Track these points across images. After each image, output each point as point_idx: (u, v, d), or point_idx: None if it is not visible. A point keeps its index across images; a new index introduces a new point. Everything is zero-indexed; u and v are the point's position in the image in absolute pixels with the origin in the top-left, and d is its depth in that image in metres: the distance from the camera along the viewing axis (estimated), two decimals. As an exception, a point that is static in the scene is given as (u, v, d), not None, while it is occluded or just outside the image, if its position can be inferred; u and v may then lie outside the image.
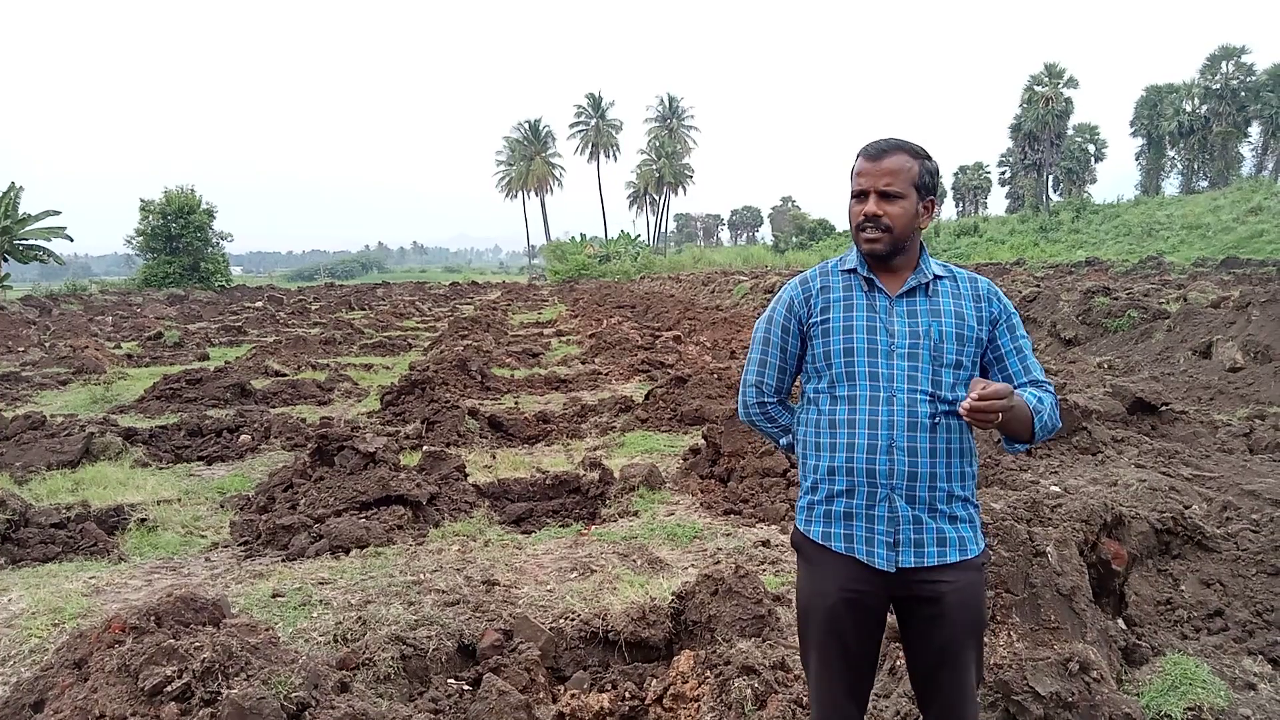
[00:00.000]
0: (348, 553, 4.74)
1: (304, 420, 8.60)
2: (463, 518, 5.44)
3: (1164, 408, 7.40)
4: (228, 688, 2.53)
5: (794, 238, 71.56)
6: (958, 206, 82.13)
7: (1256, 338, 9.48)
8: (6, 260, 42.32)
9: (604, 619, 3.69)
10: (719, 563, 4.14)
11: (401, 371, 11.41)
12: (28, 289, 46.93)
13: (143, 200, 46.50)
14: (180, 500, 6.09)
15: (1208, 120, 55.54)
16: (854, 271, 2.13)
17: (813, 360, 2.15)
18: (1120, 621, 3.39)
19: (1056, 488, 5.08)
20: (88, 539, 5.08)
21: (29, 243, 43.17)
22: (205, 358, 15.27)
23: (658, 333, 16.50)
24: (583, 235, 66.58)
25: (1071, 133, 60.66)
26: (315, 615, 3.79)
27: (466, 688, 3.26)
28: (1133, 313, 12.62)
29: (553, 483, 6.31)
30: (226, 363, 13.05)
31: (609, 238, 67.74)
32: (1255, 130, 55.95)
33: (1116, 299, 13.50)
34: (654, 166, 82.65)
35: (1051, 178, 61.27)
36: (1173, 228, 40.83)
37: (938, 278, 2.11)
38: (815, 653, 2.16)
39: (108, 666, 2.57)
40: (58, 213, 45.04)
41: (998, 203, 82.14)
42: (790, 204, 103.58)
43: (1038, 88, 55.45)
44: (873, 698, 2.83)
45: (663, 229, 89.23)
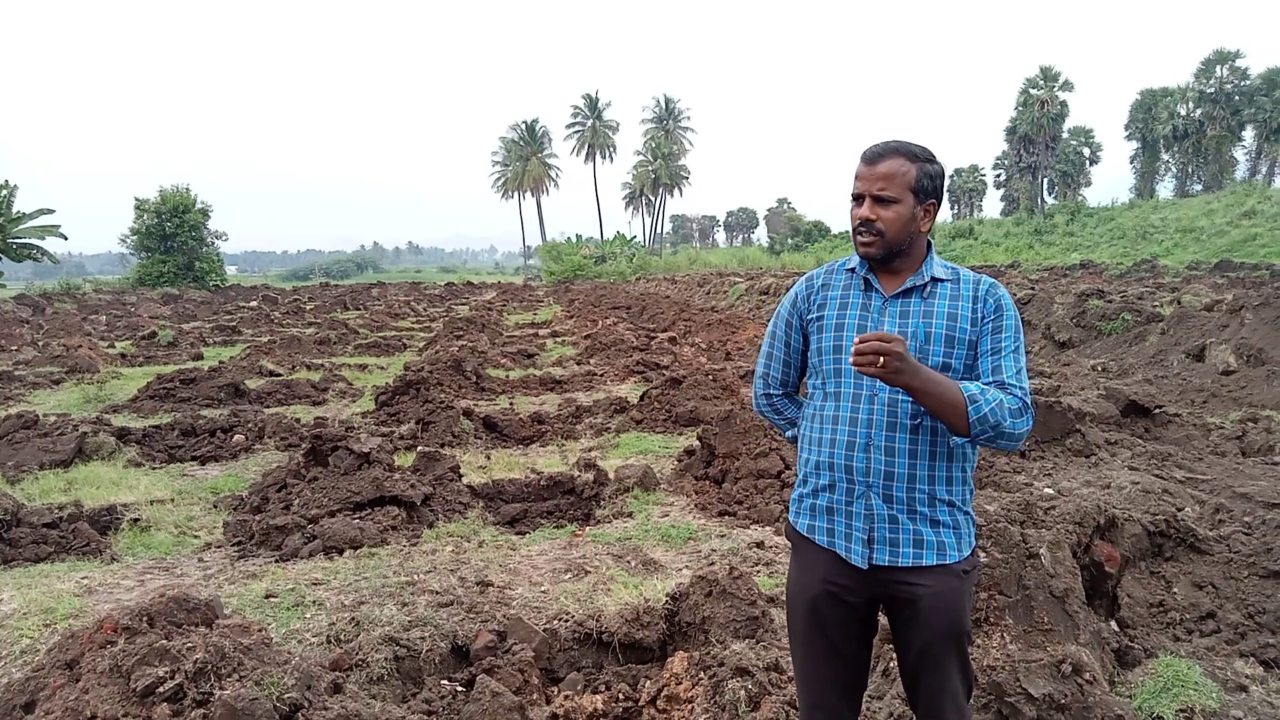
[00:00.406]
0: (341, 553, 4.73)
1: (298, 420, 8.59)
2: (457, 518, 5.43)
3: (1157, 410, 7.43)
4: (220, 689, 2.52)
5: (789, 239, 71.63)
6: (953, 209, 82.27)
7: (1249, 341, 9.51)
8: (0, 259, 42.19)
9: (598, 620, 3.69)
10: (713, 564, 4.14)
11: (396, 372, 11.39)
12: (21, 287, 46.83)
13: (137, 199, 46.43)
14: (173, 500, 6.07)
15: (1202, 124, 55.73)
16: (855, 271, 2.16)
17: (812, 356, 2.20)
18: (1113, 623, 3.41)
19: (1050, 490, 5.08)
20: (80, 539, 5.06)
21: (23, 241, 43.10)
22: (199, 357, 15.23)
23: (653, 334, 16.49)
24: (578, 236, 66.60)
25: (1066, 136, 60.87)
26: (308, 616, 3.78)
27: (460, 689, 3.26)
28: (1127, 316, 12.67)
29: (547, 484, 6.30)
30: (221, 362, 13.02)
31: (605, 239, 67.76)
32: (1249, 134, 56.13)
33: (1111, 302, 13.54)
34: (650, 167, 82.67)
35: (1046, 181, 61.42)
36: (1167, 231, 40.95)
37: (939, 280, 2.10)
38: (799, 644, 2.19)
39: (99, 667, 2.56)
40: (52, 211, 44.99)
41: (993, 205, 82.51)
42: (786, 206, 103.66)
43: (1033, 91, 55.63)
44: (866, 699, 2.84)
45: (658, 230, 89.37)
